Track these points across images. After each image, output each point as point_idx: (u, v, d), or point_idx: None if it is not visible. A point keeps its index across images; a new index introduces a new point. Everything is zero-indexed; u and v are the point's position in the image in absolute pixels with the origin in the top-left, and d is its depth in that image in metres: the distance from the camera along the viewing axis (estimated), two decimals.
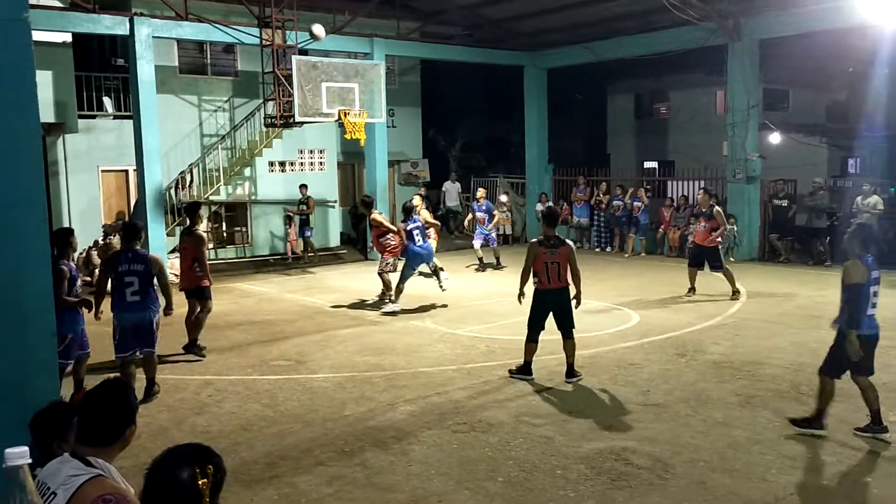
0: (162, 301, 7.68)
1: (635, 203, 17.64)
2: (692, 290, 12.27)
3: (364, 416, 6.85)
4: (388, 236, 11.94)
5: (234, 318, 11.33)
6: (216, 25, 15.17)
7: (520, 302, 8.11)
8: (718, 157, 17.99)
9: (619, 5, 16.42)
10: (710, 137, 21.90)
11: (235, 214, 18.27)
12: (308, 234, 17.58)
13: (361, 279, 14.82)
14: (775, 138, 21.95)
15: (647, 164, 28.15)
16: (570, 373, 7.82)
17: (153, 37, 14.61)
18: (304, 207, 17.40)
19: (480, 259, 15.63)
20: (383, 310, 11.62)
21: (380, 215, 12.30)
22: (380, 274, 12.00)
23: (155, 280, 7.50)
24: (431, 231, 12.86)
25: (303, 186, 17.54)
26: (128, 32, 14.36)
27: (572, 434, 6.28)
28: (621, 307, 11.12)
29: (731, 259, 16.23)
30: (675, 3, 14.55)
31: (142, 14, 14.56)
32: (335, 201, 19.30)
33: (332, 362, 8.75)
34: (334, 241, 19.28)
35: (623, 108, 30.18)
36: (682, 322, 10.25)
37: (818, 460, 5.64)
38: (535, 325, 7.90)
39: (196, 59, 18.28)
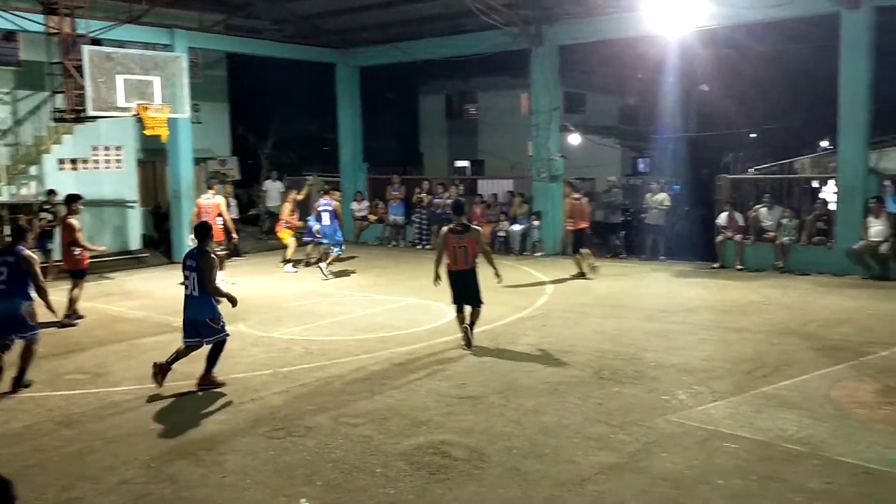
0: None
1: (450, 201, 18.04)
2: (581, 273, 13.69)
3: (172, 429, 6.48)
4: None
5: None
6: None
7: (435, 284, 9.04)
8: (525, 156, 18.81)
9: (428, 7, 16.71)
10: (516, 138, 22.86)
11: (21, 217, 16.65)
12: (49, 247, 14.62)
13: (166, 284, 14.06)
14: (575, 139, 23.33)
15: (459, 163, 28.94)
16: (472, 327, 8.96)
17: None
18: (50, 217, 14.85)
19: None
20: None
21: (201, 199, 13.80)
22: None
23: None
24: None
25: (50, 192, 15.19)
26: None
27: (391, 431, 6.29)
28: (437, 303, 11.31)
29: (538, 254, 17.06)
30: (481, 7, 15.03)
31: None
32: (135, 201, 18.14)
33: (136, 373, 8.20)
34: (135, 243, 18.10)
35: (434, 108, 30.84)
36: (494, 315, 10.59)
37: (618, 440, 6.01)
38: (455, 300, 8.98)
39: None
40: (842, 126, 13.67)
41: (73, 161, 17.14)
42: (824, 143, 24.84)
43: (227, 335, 7.72)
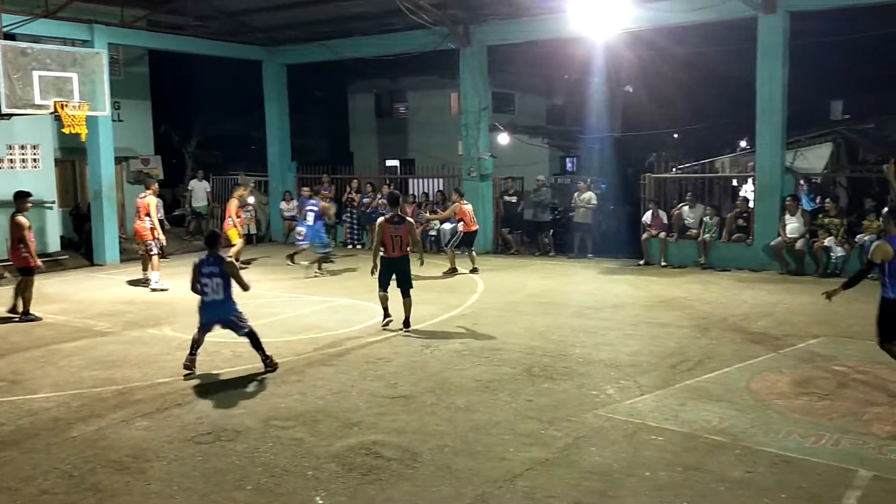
0: None
1: (382, 200, 18.01)
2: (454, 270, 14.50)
3: (94, 436, 6.26)
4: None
5: None
6: None
7: (373, 274, 9.75)
8: (455, 155, 18.88)
9: (355, 5, 16.60)
10: (446, 137, 22.96)
11: None
12: None
13: (86, 287, 13.62)
14: (504, 139, 23.56)
15: (389, 163, 28.86)
16: (406, 324, 9.69)
17: None
18: None
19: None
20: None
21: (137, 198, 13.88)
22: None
23: None
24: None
25: None
26: None
27: (323, 433, 6.23)
28: (368, 303, 11.26)
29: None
30: (410, 7, 15.02)
31: None
32: (53, 202, 17.45)
33: (55, 380, 7.91)
34: (53, 245, 17.42)
35: (364, 106, 30.68)
36: (425, 314, 10.60)
37: (548, 436, 6.09)
38: (383, 283, 9.79)
39: None
40: (759, 127, 14.18)
41: None
42: (743, 143, 25.73)
43: (248, 328, 8.12)
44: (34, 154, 17.28)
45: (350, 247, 18.84)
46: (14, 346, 9.39)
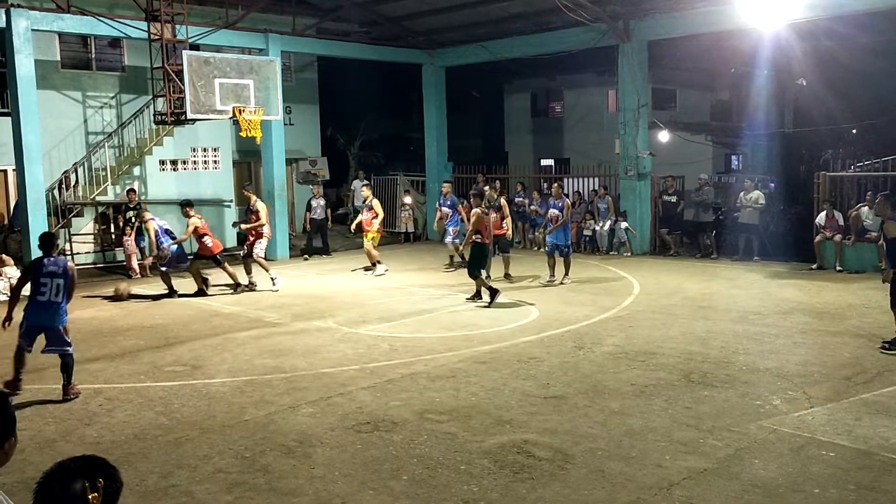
0: None
1: (531, 205, 18.08)
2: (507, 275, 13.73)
3: (264, 421, 6.70)
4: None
5: (123, 324, 10.87)
6: (100, 18, 14.50)
7: (463, 258, 12.54)
8: (611, 154, 18.53)
9: (514, 5, 16.69)
10: (602, 135, 22.56)
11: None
12: (142, 244, 15.20)
13: (261, 279, 14.51)
14: (664, 136, 22.81)
15: (544, 162, 28.75)
16: (507, 276, 12.76)
17: (32, 30, 13.84)
18: (135, 216, 15.10)
19: (452, 258, 15.42)
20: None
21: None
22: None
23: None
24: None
25: (130, 192, 15.62)
26: (4, 25, 13.53)
27: (475, 429, 6.33)
28: (521, 301, 11.30)
29: (626, 254, 16.78)
30: (568, 4, 14.90)
31: (19, 5, 13.74)
32: (231, 201, 18.80)
33: (230, 366, 8.51)
34: (231, 241, 18.76)
35: (519, 106, 30.69)
36: (579, 315, 10.50)
37: (707, 445, 5.87)
38: (485, 266, 11.81)
39: (79, 54, 17.45)
40: None
41: (174, 162, 17.90)
42: None
43: (72, 349, 7.50)
44: (215, 156, 18.68)
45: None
46: (196, 333, 10.20)
